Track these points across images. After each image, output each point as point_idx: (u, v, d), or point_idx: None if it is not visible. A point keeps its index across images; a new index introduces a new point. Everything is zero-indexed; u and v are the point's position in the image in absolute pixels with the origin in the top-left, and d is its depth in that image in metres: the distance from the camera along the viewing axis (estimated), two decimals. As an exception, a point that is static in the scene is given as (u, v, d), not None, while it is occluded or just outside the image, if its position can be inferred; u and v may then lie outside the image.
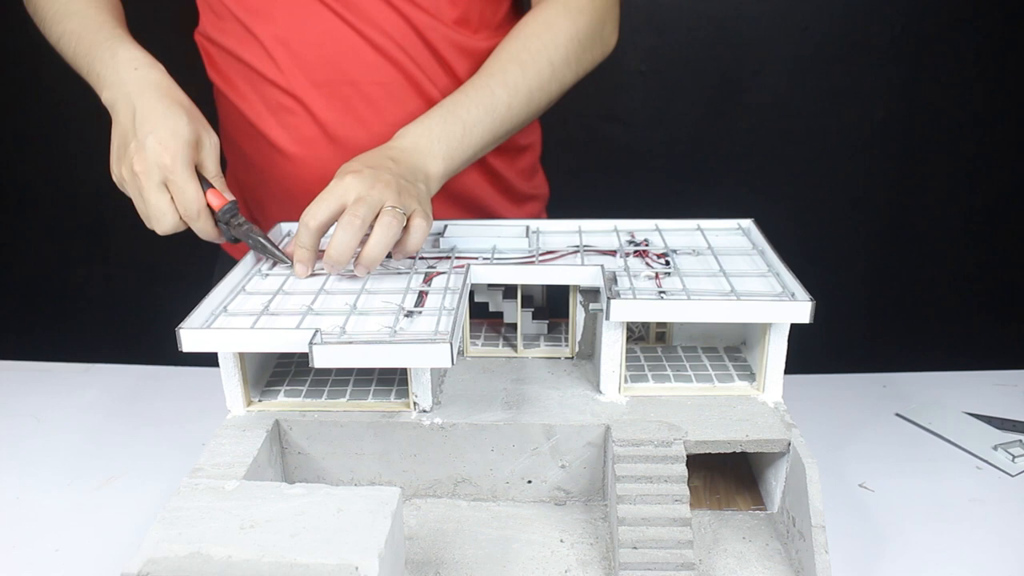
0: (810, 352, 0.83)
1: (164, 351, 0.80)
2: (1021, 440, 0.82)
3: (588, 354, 0.78)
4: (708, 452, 0.65)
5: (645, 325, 0.80)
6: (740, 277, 0.73)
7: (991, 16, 1.61)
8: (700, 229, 0.85)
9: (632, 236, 0.84)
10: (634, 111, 1.68)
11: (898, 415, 0.88)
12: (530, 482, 0.69)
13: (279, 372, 0.75)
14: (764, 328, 0.69)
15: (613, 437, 0.65)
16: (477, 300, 0.79)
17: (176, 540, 0.51)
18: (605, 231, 0.85)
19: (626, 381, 0.72)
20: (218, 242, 0.80)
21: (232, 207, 0.77)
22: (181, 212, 0.76)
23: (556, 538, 0.65)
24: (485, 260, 0.77)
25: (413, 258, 0.78)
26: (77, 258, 1.81)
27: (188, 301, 0.69)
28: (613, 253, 0.79)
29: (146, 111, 0.76)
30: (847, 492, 0.76)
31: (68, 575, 0.67)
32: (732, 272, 0.73)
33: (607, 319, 0.68)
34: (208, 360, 0.68)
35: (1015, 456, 0.79)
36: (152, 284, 1.74)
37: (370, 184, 0.72)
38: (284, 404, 0.70)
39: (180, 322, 0.65)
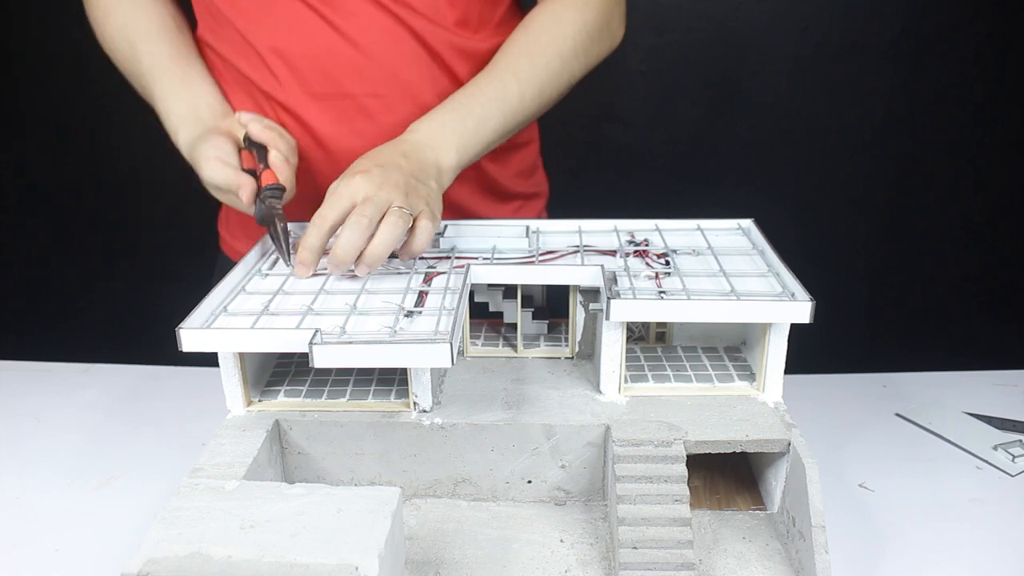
0: (810, 352, 0.83)
1: (164, 351, 0.80)
2: (1021, 440, 0.82)
3: (588, 354, 0.78)
4: (708, 452, 0.65)
5: (645, 325, 0.80)
6: (740, 277, 0.73)
7: (991, 16, 1.61)
8: (700, 229, 0.85)
9: (632, 236, 0.84)
10: (634, 111, 1.68)
11: (898, 415, 0.88)
12: (530, 482, 0.69)
13: (279, 372, 0.75)
14: (764, 328, 0.69)
15: (613, 437, 0.65)
16: (477, 300, 0.79)
17: (176, 540, 0.51)
18: (605, 231, 0.85)
19: (626, 381, 0.72)
20: (249, 212, 0.81)
21: (275, 188, 0.79)
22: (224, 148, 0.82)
23: (556, 538, 0.65)
24: (485, 260, 0.77)
25: (415, 258, 0.79)
26: (77, 258, 1.81)
27: (188, 301, 0.69)
28: (613, 253, 0.79)
29: (190, 146, 0.85)
30: (847, 492, 0.76)
31: (68, 575, 0.67)
32: (732, 272, 0.73)
33: (607, 319, 0.68)
34: (208, 360, 0.68)
35: (1015, 456, 0.79)
36: (152, 284, 1.74)
37: (378, 184, 0.72)
38: (284, 404, 0.70)
39: (180, 322, 0.66)
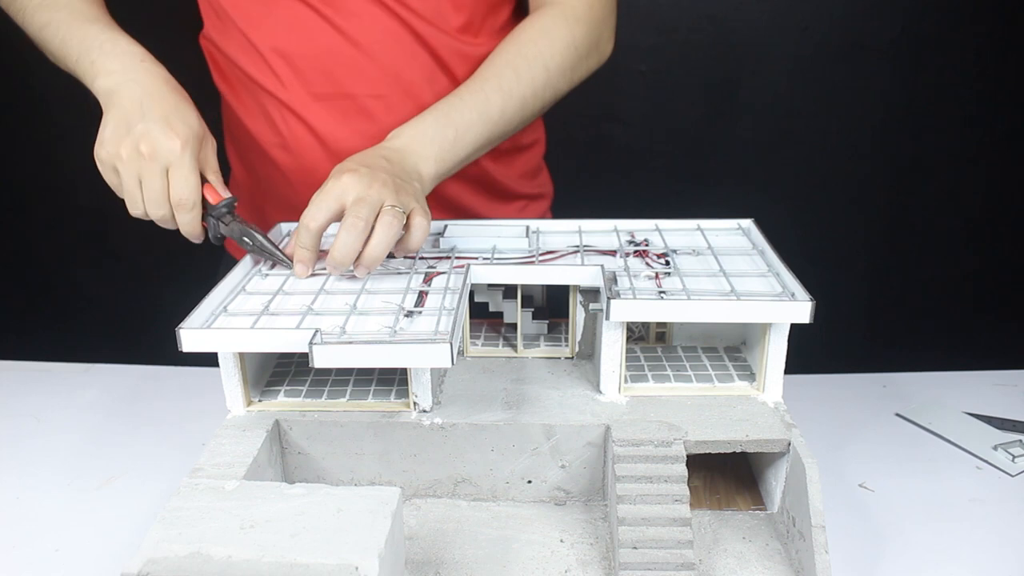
0: (810, 352, 0.83)
1: (164, 351, 0.80)
2: (1021, 440, 0.82)
3: (588, 354, 0.78)
4: (708, 452, 0.65)
5: (645, 325, 0.80)
6: (740, 277, 0.73)
7: (991, 16, 1.61)
8: (700, 229, 0.85)
9: (632, 236, 0.84)
10: (634, 111, 1.68)
11: (898, 415, 0.88)
12: (530, 482, 0.69)
13: (279, 372, 0.75)
14: (764, 328, 0.69)
15: (613, 437, 0.65)
16: (477, 300, 0.79)
17: (176, 540, 0.51)
18: (605, 231, 0.85)
19: (626, 381, 0.72)
20: (196, 241, 0.79)
21: (230, 203, 0.77)
22: (175, 200, 0.75)
23: (556, 538, 0.65)
24: (485, 260, 0.77)
25: (413, 257, 0.79)
26: (77, 258, 1.81)
27: (188, 301, 0.69)
28: (613, 253, 0.79)
29: (157, 98, 0.76)
30: (847, 492, 0.76)
31: (68, 575, 0.67)
32: (732, 272, 0.73)
33: (607, 319, 0.68)
34: (208, 360, 0.68)
35: (1015, 456, 0.79)
36: (152, 284, 1.74)
37: (368, 183, 0.71)
38: (284, 404, 0.70)
39: (180, 322, 0.66)
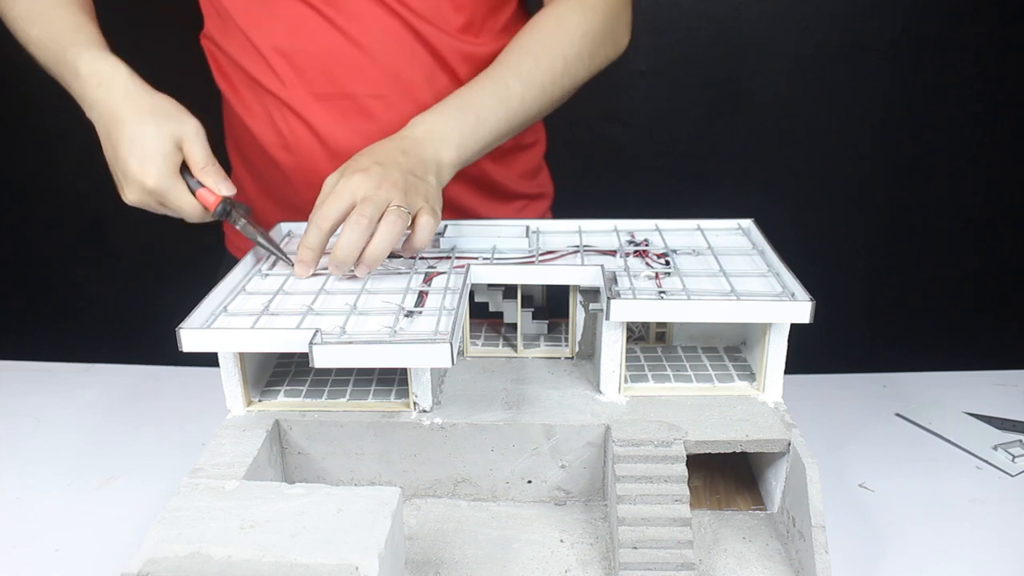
0: (810, 352, 0.83)
1: (164, 351, 0.80)
2: (1021, 440, 0.82)
3: (588, 354, 0.78)
4: (708, 452, 0.65)
5: (645, 325, 0.80)
6: (740, 277, 0.73)
7: (991, 16, 1.61)
8: (700, 229, 0.85)
9: (632, 236, 0.84)
10: (634, 111, 1.68)
11: (898, 415, 0.88)
12: (530, 482, 0.69)
13: (279, 372, 0.75)
14: (764, 328, 0.69)
15: (613, 437, 0.65)
16: (477, 300, 0.79)
17: (176, 540, 0.51)
18: (605, 231, 0.85)
19: (626, 381, 0.72)
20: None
21: (223, 207, 0.78)
22: (185, 218, 0.80)
23: (556, 538, 0.65)
24: (485, 260, 0.77)
25: (414, 257, 0.79)
26: (77, 258, 1.81)
27: (188, 301, 0.69)
28: (613, 253, 0.79)
29: (118, 134, 0.77)
30: (847, 492, 0.76)
31: (68, 575, 0.67)
32: (732, 272, 0.73)
33: (607, 319, 0.68)
34: (208, 360, 0.68)
35: (1015, 456, 0.79)
36: (152, 284, 1.74)
37: (377, 183, 0.72)
38: (284, 404, 0.70)
39: (180, 322, 0.66)
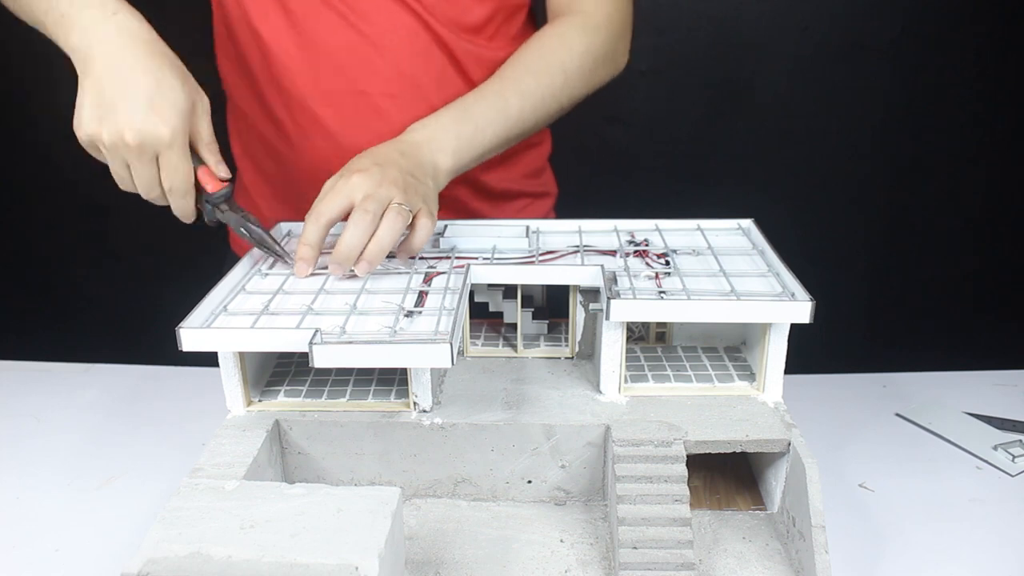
0: (810, 352, 0.83)
1: (164, 351, 0.80)
2: (1021, 440, 0.82)
3: (588, 354, 0.78)
4: (708, 452, 0.65)
5: (645, 325, 0.80)
6: (740, 277, 0.73)
7: (991, 16, 1.61)
8: (700, 229, 0.85)
9: (632, 236, 0.84)
10: (635, 111, 1.68)
11: (898, 415, 0.88)
12: (530, 482, 0.69)
13: (279, 372, 0.75)
14: (764, 328, 0.69)
15: (613, 437, 0.65)
16: (477, 300, 0.79)
17: (176, 540, 0.51)
18: (605, 231, 0.85)
19: (626, 381, 0.72)
20: (188, 221, 0.76)
21: (226, 192, 0.75)
22: (166, 187, 0.72)
23: (556, 538, 0.65)
24: (485, 260, 0.77)
25: (414, 257, 0.79)
26: (77, 258, 1.81)
27: (188, 301, 0.69)
28: (613, 253, 0.79)
29: (134, 69, 0.69)
30: (847, 492, 0.76)
31: (68, 575, 0.67)
32: (732, 272, 0.73)
33: (607, 319, 0.68)
34: (208, 360, 0.68)
35: (1015, 456, 0.79)
36: (152, 284, 1.74)
37: (377, 182, 0.72)
38: (284, 404, 0.70)
39: (180, 322, 0.65)
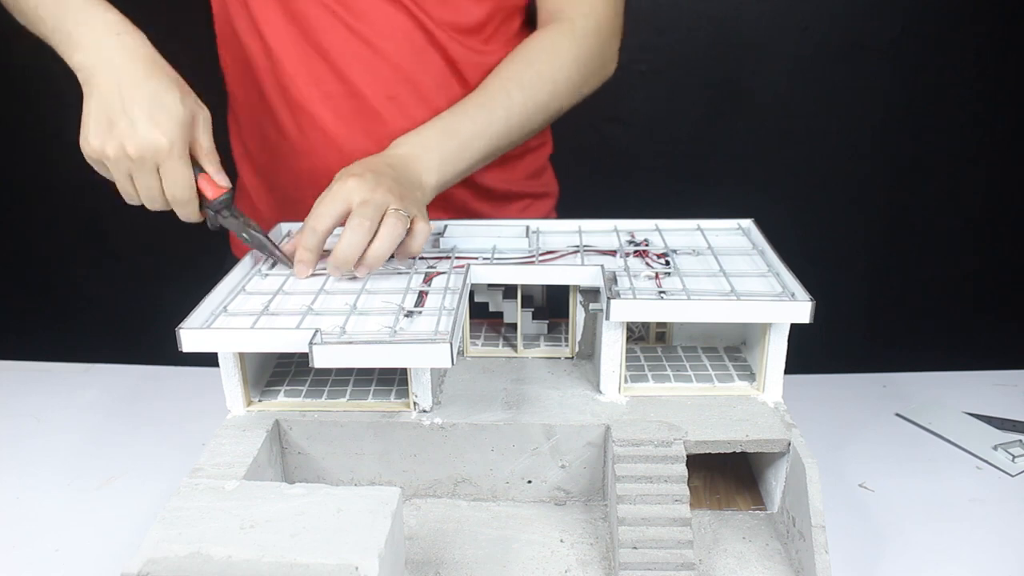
0: (810, 352, 0.83)
1: (164, 351, 0.80)
2: (1021, 440, 0.82)
3: (588, 354, 0.78)
4: (708, 452, 0.65)
5: (645, 325, 0.80)
6: (740, 277, 0.73)
7: (991, 16, 1.61)
8: (700, 229, 0.85)
9: (632, 236, 0.84)
10: (634, 111, 1.68)
11: (898, 415, 0.88)
12: (530, 482, 0.69)
13: (279, 372, 0.75)
14: (764, 328, 0.69)
15: (613, 437, 0.65)
16: (477, 300, 0.79)
17: (176, 540, 0.51)
18: (605, 231, 0.85)
19: (626, 381, 0.72)
20: (194, 220, 0.77)
21: (226, 199, 0.76)
22: (169, 197, 0.74)
23: (556, 538, 0.65)
24: (485, 260, 0.77)
25: (413, 259, 0.79)
26: (77, 258, 1.81)
27: (188, 301, 0.69)
28: (613, 253, 0.79)
29: (135, 84, 0.72)
30: (847, 492, 0.76)
31: (68, 575, 0.67)
32: (732, 272, 0.73)
33: (607, 319, 0.68)
34: (208, 360, 0.68)
35: (1015, 456, 0.79)
36: (152, 284, 1.74)
37: (372, 187, 0.72)
38: (284, 404, 0.70)
39: (180, 322, 0.65)
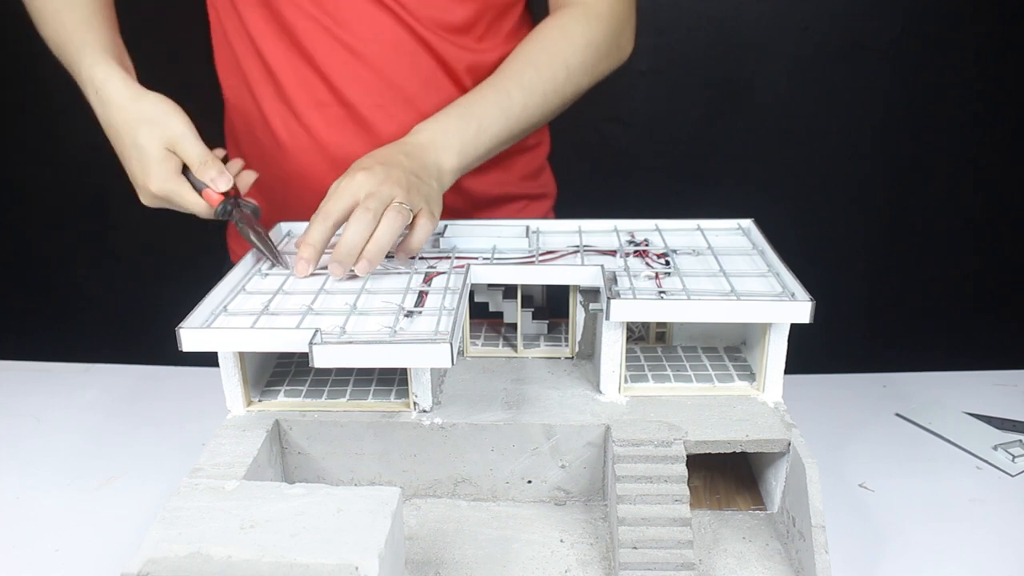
0: (810, 352, 0.83)
1: (164, 351, 0.80)
2: (1021, 440, 0.82)
3: (588, 354, 0.78)
4: (708, 452, 0.65)
5: (645, 325, 0.80)
6: (740, 277, 0.73)
7: (991, 16, 1.61)
8: (700, 229, 0.85)
9: (632, 236, 0.84)
10: (635, 111, 1.68)
11: (898, 415, 0.88)
12: (530, 482, 0.69)
13: (279, 372, 0.75)
14: (764, 328, 0.69)
15: (613, 437, 0.65)
16: (477, 300, 0.79)
17: (176, 540, 0.51)
18: (605, 231, 0.85)
19: (626, 381, 0.72)
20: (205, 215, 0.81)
21: (224, 207, 0.79)
22: (198, 215, 0.80)
23: (556, 538, 0.65)
24: (485, 260, 0.77)
25: (413, 258, 0.79)
26: (77, 258, 1.81)
27: (188, 301, 0.69)
28: (613, 253, 0.79)
29: (119, 145, 0.80)
30: (847, 492, 0.76)
31: (68, 575, 0.67)
32: (732, 272, 0.73)
33: (607, 319, 0.68)
34: (208, 360, 0.68)
35: (1015, 456, 0.79)
36: (152, 284, 1.74)
37: (380, 180, 0.73)
38: (284, 404, 0.70)
39: (180, 322, 0.65)
